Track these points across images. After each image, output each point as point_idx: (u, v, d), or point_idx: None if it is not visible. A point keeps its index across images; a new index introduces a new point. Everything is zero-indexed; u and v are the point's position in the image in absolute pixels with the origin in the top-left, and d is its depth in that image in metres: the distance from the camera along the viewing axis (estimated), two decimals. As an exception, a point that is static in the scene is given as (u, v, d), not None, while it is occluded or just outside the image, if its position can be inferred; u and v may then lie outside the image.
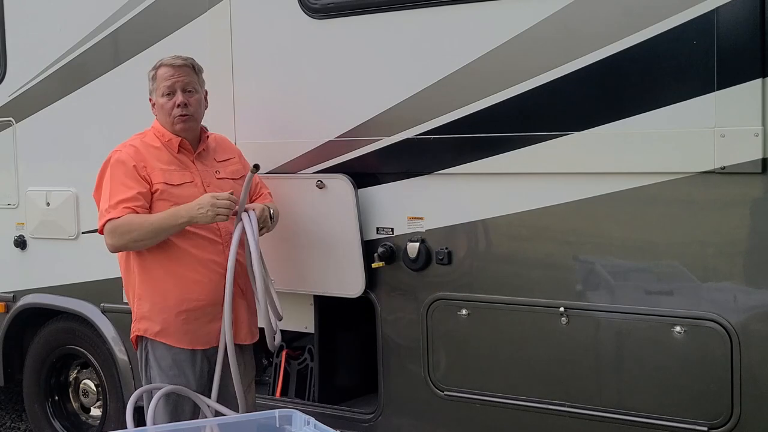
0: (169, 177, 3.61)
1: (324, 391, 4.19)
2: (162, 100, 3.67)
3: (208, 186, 3.66)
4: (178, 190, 3.61)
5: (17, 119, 5.10)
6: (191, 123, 3.69)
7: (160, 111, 3.70)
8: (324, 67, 3.95)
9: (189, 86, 3.68)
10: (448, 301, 3.73)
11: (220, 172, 3.75)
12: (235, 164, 3.83)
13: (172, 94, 3.65)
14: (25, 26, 5.04)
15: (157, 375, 3.63)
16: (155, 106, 3.73)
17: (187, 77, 3.68)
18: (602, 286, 3.42)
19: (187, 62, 3.72)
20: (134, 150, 3.63)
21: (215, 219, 3.50)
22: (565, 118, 3.42)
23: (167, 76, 3.66)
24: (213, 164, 3.76)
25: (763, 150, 3.05)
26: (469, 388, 3.71)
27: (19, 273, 5.16)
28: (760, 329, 3.13)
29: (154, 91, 3.71)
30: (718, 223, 3.18)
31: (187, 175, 3.66)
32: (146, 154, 3.63)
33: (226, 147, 3.90)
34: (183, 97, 3.65)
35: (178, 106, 3.63)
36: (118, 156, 3.63)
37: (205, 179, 3.69)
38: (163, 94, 3.66)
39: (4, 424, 5.95)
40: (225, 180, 3.73)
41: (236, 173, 3.80)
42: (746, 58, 3.06)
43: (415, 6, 3.68)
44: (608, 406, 3.40)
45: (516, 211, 3.56)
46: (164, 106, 3.66)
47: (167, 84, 3.65)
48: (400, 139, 3.76)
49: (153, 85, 3.72)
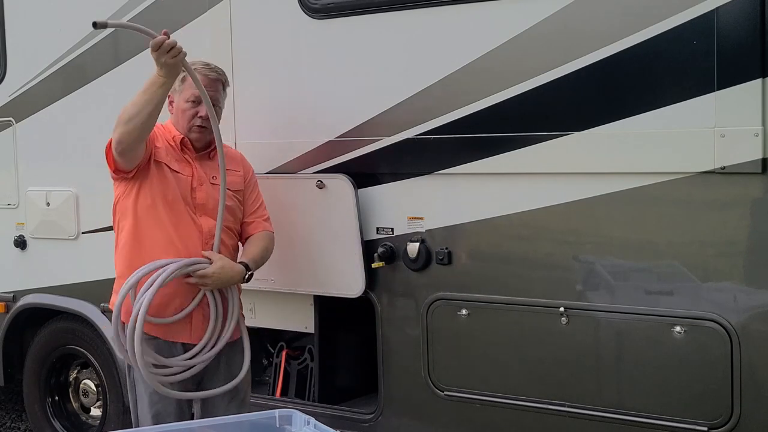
0: (170, 161, 3.63)
1: (324, 391, 4.19)
2: (185, 105, 3.65)
3: (200, 185, 3.65)
4: (174, 175, 3.61)
5: (17, 119, 5.10)
6: (206, 135, 3.69)
7: (179, 114, 3.69)
8: (324, 67, 3.96)
9: (215, 102, 3.65)
10: (448, 301, 3.73)
11: (216, 179, 3.68)
12: (236, 176, 3.77)
13: (196, 103, 3.63)
14: (25, 26, 5.04)
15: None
16: (173, 105, 3.70)
17: (215, 92, 3.67)
18: (602, 286, 3.42)
19: (220, 77, 3.72)
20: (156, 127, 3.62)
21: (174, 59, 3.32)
22: (565, 118, 3.42)
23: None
24: (213, 170, 3.71)
25: (763, 150, 3.05)
26: (469, 388, 3.71)
27: (19, 273, 5.16)
28: (760, 329, 3.13)
29: (179, 93, 3.67)
30: (718, 223, 3.18)
31: (186, 168, 3.66)
32: (156, 134, 3.63)
33: (235, 160, 3.84)
34: (206, 111, 3.60)
35: (200, 118, 3.63)
36: None
37: (199, 179, 3.67)
38: (188, 101, 3.65)
39: (4, 424, 5.95)
40: (216, 187, 3.67)
41: (233, 184, 3.73)
42: (746, 58, 3.06)
43: (415, 6, 3.68)
44: (608, 406, 3.40)
45: (516, 211, 3.56)
46: (186, 111, 3.65)
47: (196, 93, 3.60)
48: (400, 139, 3.76)
49: (180, 86, 3.66)
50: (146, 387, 3.58)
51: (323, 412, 3.99)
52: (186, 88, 3.64)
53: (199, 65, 3.66)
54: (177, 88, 3.65)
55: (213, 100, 3.60)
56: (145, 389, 3.58)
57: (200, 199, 3.64)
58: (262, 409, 2.81)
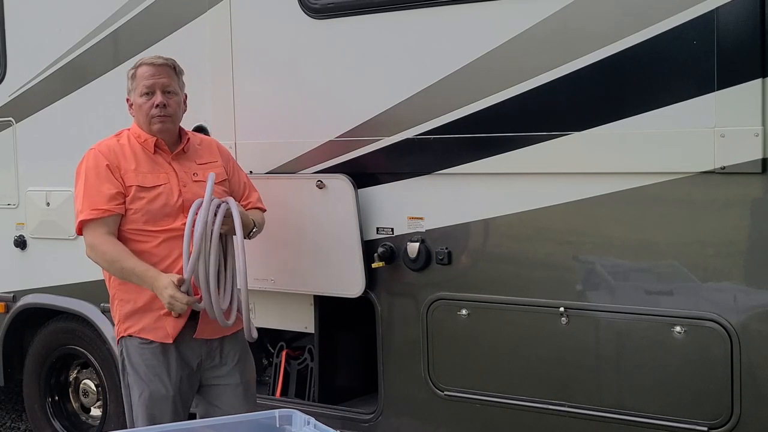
0: (142, 179, 3.53)
1: (324, 391, 4.19)
2: (140, 100, 3.57)
3: (184, 186, 3.57)
4: (150, 193, 3.52)
5: (17, 119, 5.10)
6: (169, 124, 3.59)
7: (137, 111, 3.61)
8: (324, 67, 3.95)
9: (169, 87, 3.58)
10: (448, 301, 3.73)
11: (198, 175, 3.62)
12: (217, 168, 3.70)
13: (150, 94, 3.55)
14: (25, 26, 5.04)
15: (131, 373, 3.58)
16: (133, 107, 3.64)
17: (167, 78, 3.59)
18: (602, 286, 3.42)
19: (168, 62, 3.63)
20: (108, 149, 3.56)
21: (170, 308, 3.41)
22: (565, 118, 3.42)
23: (147, 76, 3.57)
24: (192, 166, 3.65)
25: (763, 150, 3.05)
26: (469, 388, 3.71)
27: (19, 273, 5.16)
28: (760, 329, 3.13)
29: (133, 91, 3.62)
30: (718, 223, 3.18)
31: (161, 176, 3.56)
32: (119, 155, 3.55)
33: (211, 150, 3.78)
34: (162, 98, 3.55)
35: (157, 107, 3.54)
36: (92, 153, 3.57)
37: (182, 180, 3.58)
38: (142, 94, 3.57)
39: (4, 424, 5.95)
40: (201, 183, 3.58)
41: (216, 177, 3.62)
42: (746, 58, 3.06)
43: (415, 6, 3.68)
44: (608, 406, 3.40)
45: (516, 211, 3.56)
46: (142, 106, 3.57)
47: (147, 84, 3.56)
48: (400, 139, 3.76)
49: (132, 84, 3.62)
50: (141, 391, 3.53)
51: (323, 412, 3.99)
52: (138, 83, 3.58)
53: (145, 58, 3.64)
54: (130, 87, 3.63)
55: (165, 86, 3.56)
56: (140, 393, 3.54)
57: (188, 200, 3.54)
58: (262, 409, 2.81)
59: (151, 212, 3.51)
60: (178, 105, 3.63)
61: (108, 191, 3.47)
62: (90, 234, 3.50)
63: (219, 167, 3.72)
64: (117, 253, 3.46)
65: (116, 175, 3.50)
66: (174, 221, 3.52)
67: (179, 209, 3.54)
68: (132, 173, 3.52)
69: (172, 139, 3.65)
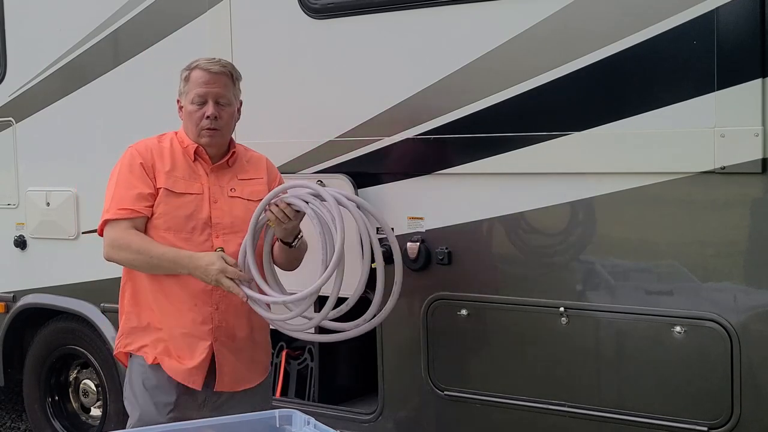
0: (173, 183, 3.31)
1: (324, 391, 4.19)
2: (191, 108, 3.33)
3: (215, 202, 3.33)
4: (178, 200, 3.31)
5: (17, 119, 5.11)
6: (218, 138, 3.35)
7: (187, 118, 3.36)
8: (324, 67, 3.95)
9: (223, 98, 3.33)
10: (448, 301, 3.73)
11: (235, 191, 3.38)
12: (258, 185, 3.43)
13: (203, 102, 3.31)
14: (25, 26, 5.04)
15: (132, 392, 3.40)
16: (182, 110, 3.41)
17: (222, 87, 3.33)
18: (602, 286, 3.42)
19: (225, 69, 3.36)
20: (145, 148, 3.37)
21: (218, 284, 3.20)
22: (565, 118, 3.42)
23: (201, 82, 3.31)
24: (231, 181, 3.40)
25: (763, 150, 3.05)
26: (469, 388, 3.71)
27: (19, 273, 5.16)
28: (760, 329, 3.13)
29: (184, 95, 3.37)
30: (718, 223, 3.18)
31: (195, 185, 3.34)
32: (156, 154, 3.35)
33: (258, 166, 3.50)
34: (214, 109, 3.30)
35: (207, 118, 3.30)
36: (129, 152, 3.38)
37: (214, 195, 3.35)
38: (193, 102, 3.32)
39: (4, 424, 5.95)
40: (237, 200, 3.37)
41: (254, 194, 3.39)
42: (746, 58, 3.06)
43: (415, 6, 3.68)
44: (608, 406, 3.40)
45: (516, 211, 3.56)
46: (192, 114, 3.32)
47: (199, 92, 3.30)
48: (400, 139, 3.76)
49: (184, 87, 3.37)
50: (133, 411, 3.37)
51: (323, 412, 3.99)
52: (190, 88, 3.34)
53: (202, 61, 3.39)
54: (182, 90, 3.40)
55: (218, 96, 3.32)
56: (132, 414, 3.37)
57: (216, 217, 3.33)
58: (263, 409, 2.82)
59: (175, 219, 3.30)
60: (231, 117, 3.38)
61: (138, 191, 3.28)
62: (111, 231, 3.29)
63: (261, 185, 3.44)
64: (143, 242, 3.24)
65: (149, 174, 3.30)
66: (199, 235, 3.31)
67: (205, 224, 3.32)
68: (164, 175, 3.31)
69: (219, 150, 3.41)
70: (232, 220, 3.34)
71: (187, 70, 3.38)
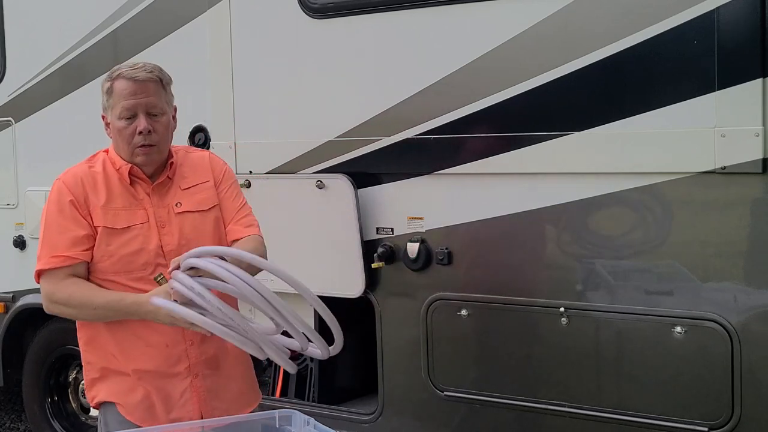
0: (113, 218, 2.86)
1: (324, 391, 4.19)
2: (120, 124, 2.86)
3: (163, 227, 2.89)
4: (122, 237, 2.86)
5: (17, 119, 5.10)
6: (155, 155, 2.90)
7: (116, 135, 2.90)
8: (324, 67, 3.95)
9: (155, 108, 2.87)
10: (448, 301, 3.72)
11: (182, 204, 2.94)
12: (206, 191, 3.00)
13: (132, 117, 2.85)
14: (24, 26, 5.04)
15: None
16: (109, 127, 2.94)
17: (152, 96, 2.87)
18: (602, 286, 3.42)
19: (152, 75, 2.89)
20: (74, 180, 2.90)
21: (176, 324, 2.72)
22: (565, 118, 3.42)
23: (126, 94, 2.85)
24: (175, 195, 2.95)
25: (764, 150, 3.05)
26: (469, 388, 3.71)
27: (19, 273, 5.15)
28: (760, 329, 3.13)
29: (110, 110, 2.90)
30: (719, 223, 3.18)
31: (138, 214, 2.89)
32: (88, 186, 2.89)
33: (201, 168, 3.05)
34: (147, 123, 2.85)
35: (140, 134, 2.84)
36: (56, 187, 2.92)
37: (160, 219, 2.90)
38: (121, 116, 2.86)
39: (3, 424, 5.95)
40: (186, 215, 2.93)
41: (203, 203, 2.97)
42: (746, 58, 3.06)
43: (415, 6, 3.68)
44: (608, 407, 3.40)
45: (516, 211, 3.56)
46: (122, 131, 2.86)
47: (127, 105, 2.84)
48: (400, 139, 3.76)
49: (108, 101, 2.90)
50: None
51: (323, 413, 3.99)
52: (116, 101, 2.87)
53: (124, 69, 2.90)
54: (106, 104, 2.92)
55: (149, 107, 2.86)
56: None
57: (168, 243, 2.88)
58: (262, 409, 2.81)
59: (122, 261, 2.86)
60: (167, 127, 2.93)
61: (72, 234, 2.84)
62: (47, 283, 2.86)
63: (208, 190, 3.01)
64: (83, 293, 2.82)
65: (82, 212, 2.86)
66: (153, 270, 2.85)
67: (157, 255, 2.87)
68: (100, 210, 2.86)
69: (158, 166, 2.96)
70: (183, 241, 2.89)
71: (108, 80, 2.91)
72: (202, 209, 2.97)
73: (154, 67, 2.94)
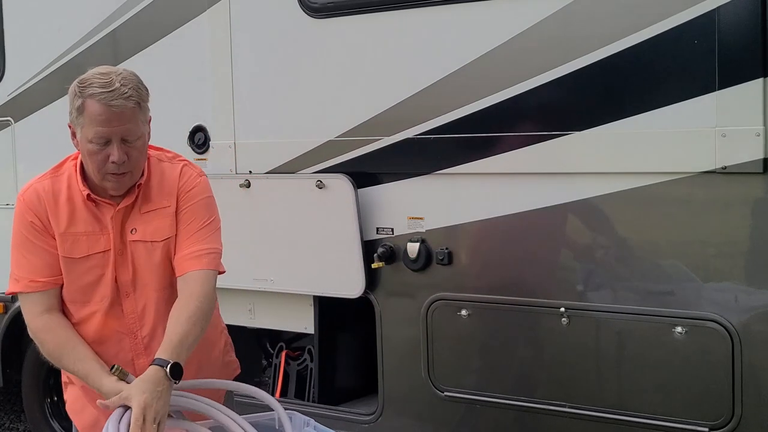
0: (71, 246, 2.67)
1: (324, 391, 4.19)
2: (91, 147, 2.59)
3: (120, 255, 2.70)
4: (81, 266, 2.68)
5: (16, 119, 5.09)
6: (127, 181, 2.67)
7: (86, 157, 2.64)
8: (324, 67, 3.95)
9: (130, 135, 2.60)
10: (448, 301, 3.72)
11: (136, 231, 2.70)
12: (163, 218, 2.73)
13: (104, 144, 2.59)
14: (24, 25, 5.03)
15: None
16: (77, 140, 2.67)
17: (128, 123, 2.58)
18: (603, 286, 3.42)
19: (130, 101, 2.57)
20: (37, 199, 2.71)
21: None
22: (565, 118, 3.41)
23: (100, 120, 2.56)
24: (133, 220, 2.72)
25: (765, 150, 3.05)
26: (469, 388, 3.70)
27: (18, 273, 5.15)
28: (761, 330, 3.13)
29: (79, 127, 2.61)
30: (719, 223, 3.17)
31: (101, 241, 2.69)
32: (51, 206, 2.69)
33: (166, 189, 2.76)
34: (120, 152, 2.58)
35: (113, 163, 2.59)
36: (19, 205, 2.73)
37: (116, 245, 2.70)
38: (92, 141, 2.58)
39: (2, 425, 5.95)
40: (137, 244, 2.70)
41: (157, 233, 2.71)
42: (747, 58, 3.05)
43: (415, 6, 3.67)
44: (608, 407, 3.40)
45: (516, 211, 3.55)
46: (93, 155, 2.60)
47: (100, 132, 2.56)
48: (400, 139, 3.75)
49: (77, 117, 2.60)
50: None
51: (323, 413, 3.99)
52: (86, 122, 2.58)
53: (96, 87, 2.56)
54: (75, 119, 2.62)
55: (127, 132, 2.59)
56: None
57: (121, 274, 2.70)
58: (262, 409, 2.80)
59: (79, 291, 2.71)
60: (142, 151, 2.67)
61: (42, 257, 2.68)
62: (27, 310, 2.71)
63: (165, 217, 2.73)
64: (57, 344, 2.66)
65: (46, 235, 2.68)
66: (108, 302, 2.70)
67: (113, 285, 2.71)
68: (60, 238, 2.67)
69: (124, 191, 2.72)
70: (133, 274, 2.72)
71: (79, 96, 2.59)
72: (154, 240, 2.72)
73: (131, 86, 2.60)
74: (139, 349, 2.76)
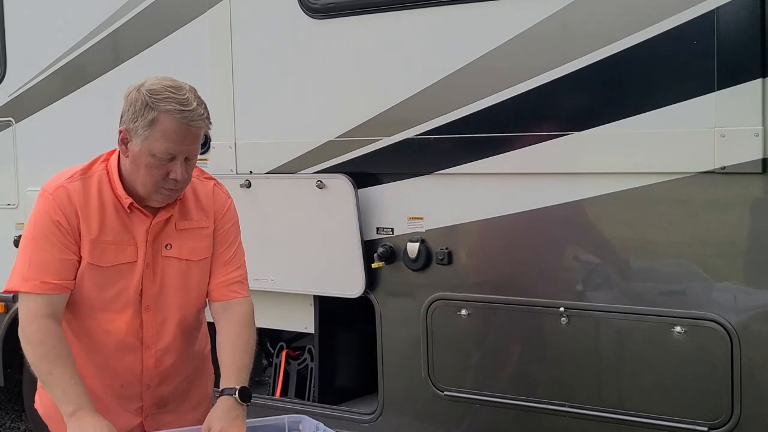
0: (100, 255, 2.59)
1: (324, 391, 4.19)
2: (151, 161, 2.53)
3: (148, 267, 2.65)
4: (105, 275, 2.61)
5: (17, 119, 5.10)
6: (176, 196, 2.66)
7: (141, 169, 2.56)
8: (324, 67, 3.95)
9: (194, 154, 2.60)
10: (448, 301, 3.72)
11: (171, 247, 2.66)
12: (202, 239, 2.72)
13: (167, 159, 2.54)
14: (25, 26, 5.04)
15: None
16: (127, 148, 2.58)
17: (197, 143, 2.59)
18: (602, 286, 3.42)
19: (203, 119, 2.57)
20: (68, 200, 2.59)
21: None
22: (565, 118, 3.42)
23: (175, 138, 2.51)
24: (168, 235, 2.68)
25: (764, 150, 3.05)
26: (469, 388, 3.70)
27: (19, 273, 5.15)
28: (760, 329, 3.13)
29: (142, 139, 2.52)
30: (719, 223, 3.17)
31: (128, 251, 2.62)
32: (82, 209, 2.60)
33: (203, 208, 2.75)
34: (183, 171, 2.56)
35: (173, 180, 2.56)
36: (44, 202, 2.61)
37: (149, 258, 2.65)
38: (156, 155, 2.52)
39: (3, 424, 5.95)
40: (171, 260, 2.67)
41: (195, 252, 2.70)
42: (746, 58, 3.05)
43: (415, 6, 3.68)
44: (608, 406, 3.40)
45: (516, 211, 3.56)
46: (152, 169, 2.54)
47: (171, 149, 2.52)
48: (400, 139, 3.76)
49: (144, 130, 2.50)
50: None
51: (323, 413, 3.99)
52: (156, 137, 2.50)
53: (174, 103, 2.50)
54: (138, 129, 2.52)
55: (190, 154, 2.59)
56: None
57: (147, 287, 2.66)
58: (262, 409, 2.80)
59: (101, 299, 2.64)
60: (194, 168, 2.67)
61: (62, 256, 2.58)
62: (27, 310, 2.65)
63: (204, 238, 2.73)
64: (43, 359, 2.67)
65: (71, 237, 2.59)
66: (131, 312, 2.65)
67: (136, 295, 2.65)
68: (89, 244, 2.59)
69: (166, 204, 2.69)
70: (159, 288, 2.68)
71: (152, 108, 2.50)
72: (191, 258, 2.71)
73: (204, 105, 2.60)
74: (150, 363, 2.74)
